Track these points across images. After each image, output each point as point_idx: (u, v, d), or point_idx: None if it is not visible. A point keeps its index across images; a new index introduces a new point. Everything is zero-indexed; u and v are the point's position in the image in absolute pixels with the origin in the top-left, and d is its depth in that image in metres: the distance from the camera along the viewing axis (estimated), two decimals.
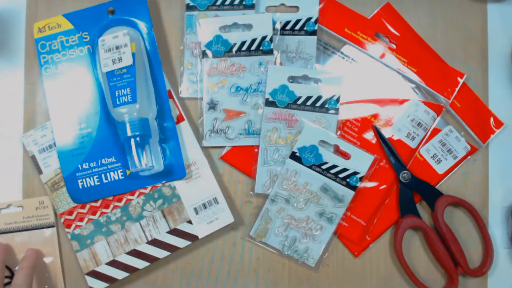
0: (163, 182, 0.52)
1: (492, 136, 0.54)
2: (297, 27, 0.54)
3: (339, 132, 0.54)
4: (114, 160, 0.52)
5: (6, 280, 0.52)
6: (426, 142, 0.54)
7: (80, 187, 0.52)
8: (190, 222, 0.52)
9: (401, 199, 0.53)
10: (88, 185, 0.52)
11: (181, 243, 0.52)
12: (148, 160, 0.49)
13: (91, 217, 0.53)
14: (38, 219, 0.53)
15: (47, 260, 0.53)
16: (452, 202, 0.53)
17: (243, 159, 0.54)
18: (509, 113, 0.55)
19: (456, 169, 0.54)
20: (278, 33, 0.54)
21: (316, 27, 0.54)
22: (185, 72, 0.55)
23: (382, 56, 0.54)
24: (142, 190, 0.53)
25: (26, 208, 0.53)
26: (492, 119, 0.54)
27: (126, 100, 0.49)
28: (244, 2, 0.54)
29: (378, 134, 0.53)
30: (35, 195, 0.54)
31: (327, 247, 0.52)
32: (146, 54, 0.52)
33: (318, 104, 0.53)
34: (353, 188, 0.52)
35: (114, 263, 0.52)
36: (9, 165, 0.55)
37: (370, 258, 0.53)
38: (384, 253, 0.54)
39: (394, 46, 0.54)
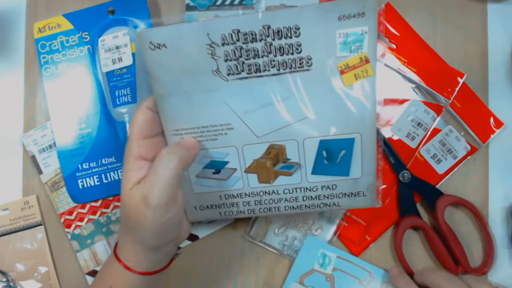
0: None
1: (492, 136, 0.54)
2: None
3: None
4: (114, 160, 0.52)
5: (1, 285, 0.52)
6: (426, 142, 0.54)
7: (80, 187, 0.52)
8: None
9: (401, 199, 0.53)
10: (88, 185, 0.52)
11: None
12: None
13: (91, 217, 0.53)
14: (25, 219, 0.53)
15: (37, 259, 0.53)
16: (453, 202, 0.53)
17: None
18: (509, 113, 0.55)
19: (456, 169, 0.54)
20: None
21: None
22: None
23: (382, 56, 0.54)
24: None
25: (12, 210, 0.53)
26: (492, 119, 0.54)
27: (126, 100, 0.49)
28: (244, 2, 0.54)
29: (378, 134, 0.53)
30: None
31: None
32: None
33: None
34: None
35: None
36: (9, 165, 0.55)
37: (370, 258, 0.53)
38: (384, 253, 0.54)
39: (394, 46, 0.54)
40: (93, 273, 0.52)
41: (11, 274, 0.53)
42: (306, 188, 0.44)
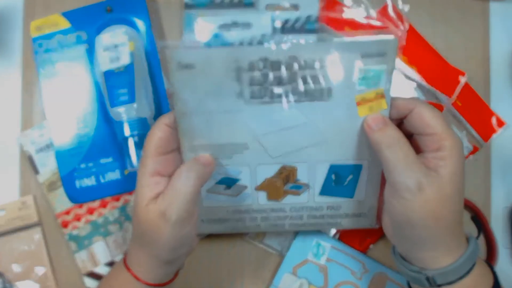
0: None
1: (494, 135, 0.54)
2: (297, 26, 0.54)
3: None
4: (112, 160, 0.52)
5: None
6: None
7: (78, 187, 0.52)
8: None
9: None
10: (86, 185, 0.52)
11: None
12: None
13: (89, 217, 0.52)
14: (21, 220, 0.53)
15: (34, 260, 0.53)
16: None
17: None
18: (511, 112, 0.55)
19: None
20: (278, 31, 0.54)
21: (316, 26, 0.54)
22: None
23: None
24: None
25: (9, 211, 0.53)
26: (494, 119, 0.54)
27: (124, 100, 0.48)
28: (243, 1, 0.54)
29: None
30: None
31: None
32: (145, 53, 0.52)
33: None
34: None
35: (113, 264, 0.52)
36: (6, 165, 0.54)
37: None
38: (385, 255, 0.53)
39: None
40: (91, 274, 0.52)
41: (7, 275, 0.52)
42: (312, 207, 0.46)
